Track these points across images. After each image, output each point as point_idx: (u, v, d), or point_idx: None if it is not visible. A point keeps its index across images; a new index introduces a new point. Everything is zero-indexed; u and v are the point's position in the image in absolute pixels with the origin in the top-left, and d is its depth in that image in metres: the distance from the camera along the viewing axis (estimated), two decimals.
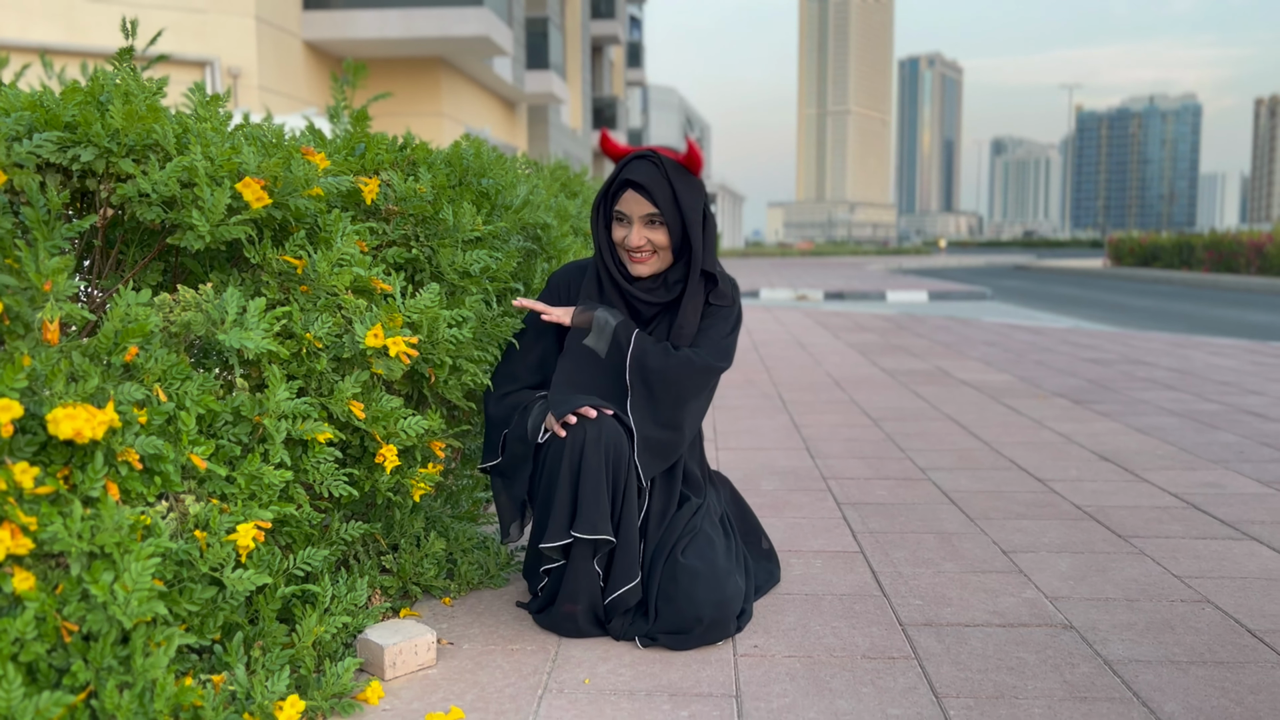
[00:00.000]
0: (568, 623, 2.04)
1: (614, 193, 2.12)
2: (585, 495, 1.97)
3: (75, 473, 1.50)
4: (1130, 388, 5.52)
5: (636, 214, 2.09)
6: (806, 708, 1.75)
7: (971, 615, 2.18)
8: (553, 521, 1.99)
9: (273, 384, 1.75)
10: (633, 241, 2.09)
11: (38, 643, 1.43)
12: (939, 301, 15.17)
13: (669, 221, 2.09)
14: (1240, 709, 1.74)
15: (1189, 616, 2.17)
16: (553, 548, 2.01)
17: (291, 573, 1.82)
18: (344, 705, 1.70)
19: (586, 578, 2.01)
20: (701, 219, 2.12)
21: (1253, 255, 20.20)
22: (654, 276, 2.16)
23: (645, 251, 2.11)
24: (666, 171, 2.08)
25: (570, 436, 2.00)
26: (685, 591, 2.00)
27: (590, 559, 2.01)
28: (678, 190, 2.08)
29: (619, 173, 2.12)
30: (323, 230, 1.93)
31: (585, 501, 1.97)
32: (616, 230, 2.14)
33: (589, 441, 1.99)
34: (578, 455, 1.99)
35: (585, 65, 29.55)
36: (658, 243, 2.10)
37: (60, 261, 1.53)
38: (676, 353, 2.12)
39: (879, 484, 3.35)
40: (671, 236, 2.10)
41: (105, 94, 1.76)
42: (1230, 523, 2.89)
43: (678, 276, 2.16)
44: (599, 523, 1.97)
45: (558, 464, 2.00)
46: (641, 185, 2.07)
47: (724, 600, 2.00)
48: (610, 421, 2.03)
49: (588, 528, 1.96)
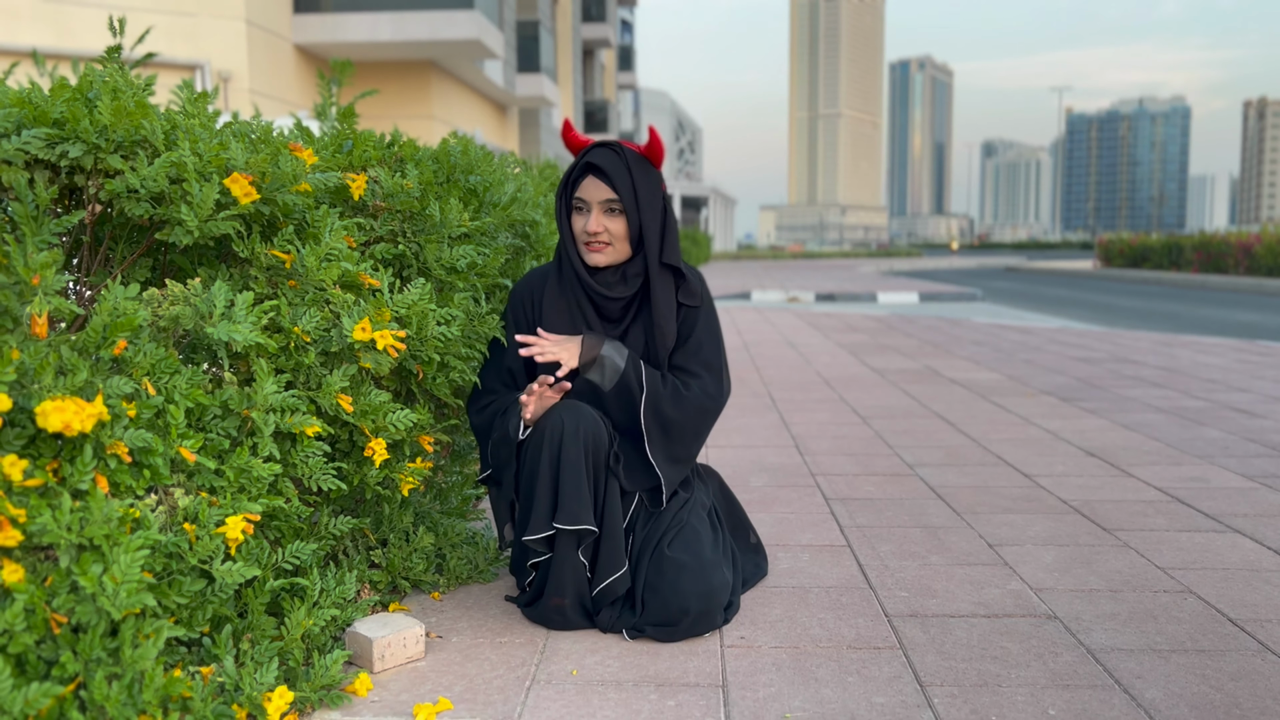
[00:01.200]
0: (556, 615, 2.06)
1: (575, 180, 2.13)
2: (566, 487, 1.99)
3: (64, 465, 1.51)
4: (1118, 385, 5.55)
5: (595, 199, 2.09)
6: (792, 696, 1.76)
7: (957, 606, 2.20)
8: (535, 514, 2.00)
9: (261, 377, 1.76)
10: (590, 227, 2.09)
11: (27, 634, 1.44)
12: (929, 303, 15.22)
13: (627, 210, 2.09)
14: (1220, 695, 1.76)
15: (1171, 606, 2.19)
16: (537, 540, 2.02)
17: (280, 566, 1.83)
18: (332, 697, 1.71)
19: (572, 569, 2.03)
20: (661, 210, 2.13)
21: (1241, 256, 20.31)
22: (613, 270, 2.16)
23: (601, 240, 2.10)
24: (627, 160, 2.10)
25: (549, 429, 2.01)
26: (671, 584, 2.01)
27: (575, 550, 2.02)
28: (637, 180, 2.09)
29: (580, 159, 2.12)
30: (311, 225, 1.94)
31: (566, 493, 1.98)
32: (576, 220, 2.14)
33: (567, 433, 2.00)
34: (556, 447, 2.00)
35: (576, 68, 29.58)
36: (615, 232, 2.10)
37: (49, 256, 1.54)
38: (688, 396, 2.14)
39: (867, 480, 3.37)
40: (630, 227, 2.11)
41: (94, 91, 1.77)
42: (1214, 516, 2.91)
43: (637, 270, 2.16)
44: (580, 513, 1.98)
45: (538, 457, 2.02)
46: (601, 170, 2.08)
47: (710, 592, 2.02)
48: (588, 412, 2.04)
49: (569, 519, 1.98)
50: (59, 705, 1.46)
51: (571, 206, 2.15)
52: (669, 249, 2.15)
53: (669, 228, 2.16)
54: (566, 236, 2.16)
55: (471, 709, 1.72)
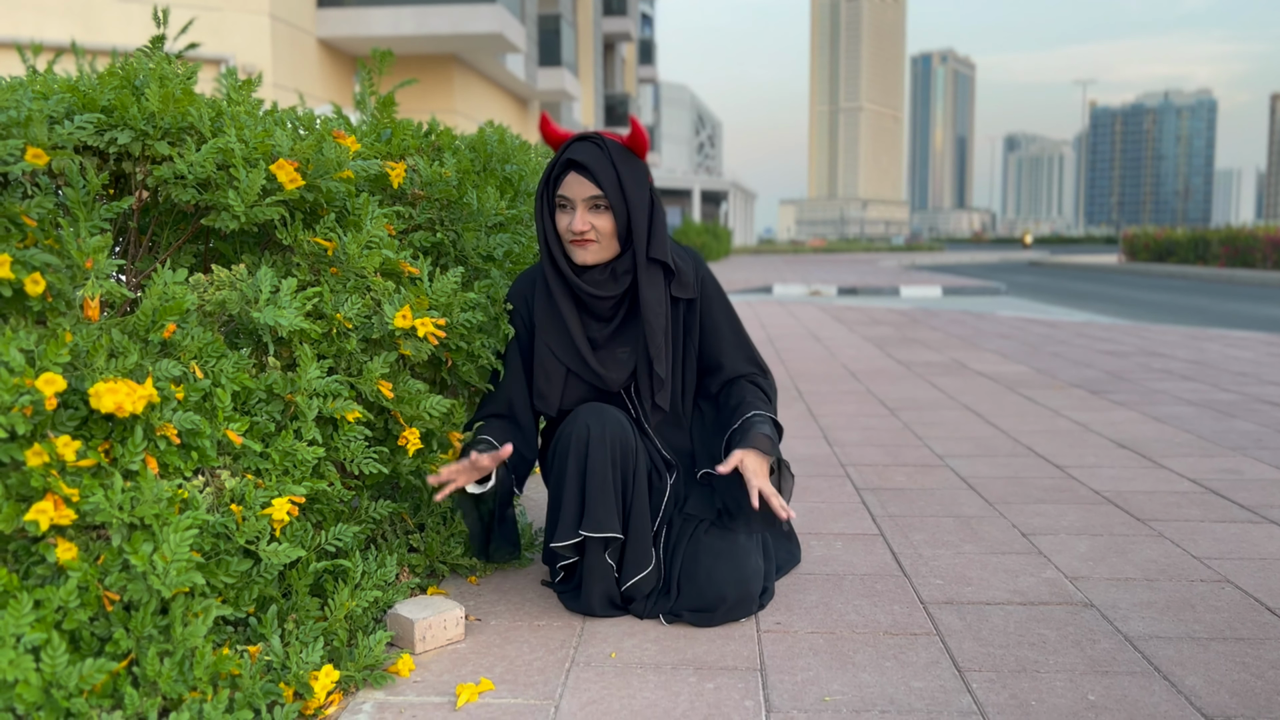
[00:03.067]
0: (586, 605, 2.08)
1: (556, 177, 2.04)
2: (592, 493, 1.99)
3: (115, 446, 1.54)
4: (1147, 378, 5.52)
5: (579, 197, 2.01)
6: (830, 680, 1.77)
7: (992, 594, 2.20)
8: (562, 521, 2.01)
9: (304, 362, 1.78)
10: (576, 225, 2.00)
11: (81, 611, 1.47)
12: (953, 296, 15.15)
13: (614, 205, 2.01)
14: (1261, 683, 1.76)
15: (1209, 595, 2.19)
16: (564, 546, 2.03)
17: (323, 548, 1.85)
18: (376, 677, 1.73)
19: (601, 570, 2.04)
20: (648, 203, 2.06)
21: (1269, 250, 20.10)
22: (601, 267, 2.08)
23: (589, 237, 2.03)
24: (610, 153, 2.01)
25: (574, 436, 2.01)
26: (706, 570, 2.02)
27: (602, 553, 2.03)
28: (621, 173, 2.01)
29: (560, 155, 2.04)
30: (352, 213, 1.96)
31: (592, 500, 1.98)
32: (560, 218, 2.05)
33: (593, 440, 1.99)
34: (583, 454, 2.00)
35: (597, 62, 29.59)
36: (602, 229, 2.03)
37: (101, 240, 1.56)
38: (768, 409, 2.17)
39: (897, 470, 3.37)
40: (617, 222, 2.03)
41: (141, 79, 1.79)
42: (1249, 507, 2.89)
43: (626, 267, 2.08)
44: (605, 520, 1.98)
45: (565, 463, 2.02)
46: (584, 166, 1.99)
47: (745, 579, 2.03)
48: (613, 414, 2.03)
49: (595, 526, 1.98)
50: (113, 680, 1.48)
51: (555, 205, 2.06)
52: (656, 243, 2.07)
53: (656, 221, 2.08)
54: (551, 235, 2.08)
55: (513, 689, 1.74)
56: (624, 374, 2.14)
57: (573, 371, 2.14)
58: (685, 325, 2.18)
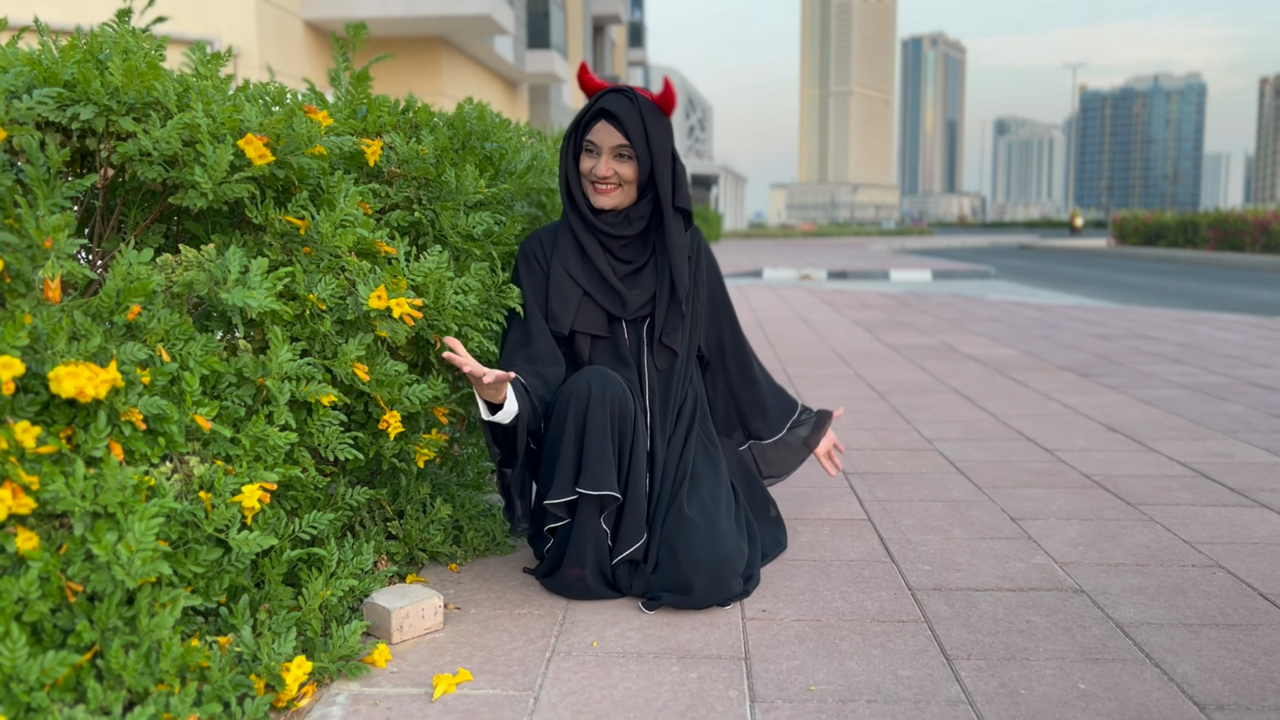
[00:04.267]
0: (576, 584, 2.03)
1: (586, 123, 2.13)
2: (590, 452, 1.96)
3: (78, 432, 1.49)
4: (1137, 362, 5.49)
5: (607, 145, 2.09)
6: (816, 669, 1.73)
7: (981, 580, 2.16)
8: (558, 479, 1.98)
9: (275, 345, 1.73)
10: (600, 171, 2.09)
11: (42, 602, 1.42)
12: (943, 280, 15.13)
13: (638, 154, 2.10)
14: (1254, 670, 1.73)
15: (1200, 581, 2.16)
16: (558, 505, 1.99)
17: (297, 536, 1.80)
18: (351, 667, 1.69)
19: (594, 536, 2.00)
20: (671, 157, 2.15)
21: (1258, 233, 20.12)
22: (617, 211, 2.16)
23: (610, 183, 2.11)
24: (640, 107, 2.10)
25: (575, 394, 1.99)
26: (686, 547, 1.99)
27: (597, 516, 2.00)
28: (649, 127, 2.10)
29: (594, 104, 2.12)
30: (325, 191, 1.90)
31: (590, 458, 1.96)
32: (585, 160, 2.13)
33: (594, 398, 1.98)
34: (583, 412, 1.98)
35: (587, 45, 29.41)
36: (624, 176, 2.11)
37: (61, 219, 1.51)
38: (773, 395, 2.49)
39: (886, 454, 3.33)
40: (640, 172, 2.11)
41: (104, 52, 1.73)
42: (1240, 490, 2.87)
43: (641, 213, 2.16)
44: (604, 478, 1.96)
45: (563, 421, 1.99)
46: (616, 116, 2.08)
47: (724, 558, 1.99)
48: (614, 378, 2.02)
49: (593, 483, 1.95)
50: (75, 674, 1.44)
51: (581, 147, 2.15)
52: (681, 194, 2.18)
53: (679, 174, 2.18)
54: (573, 175, 2.16)
55: (491, 680, 1.69)
56: (642, 298, 2.17)
57: (589, 294, 2.17)
58: (694, 280, 2.29)
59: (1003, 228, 79.18)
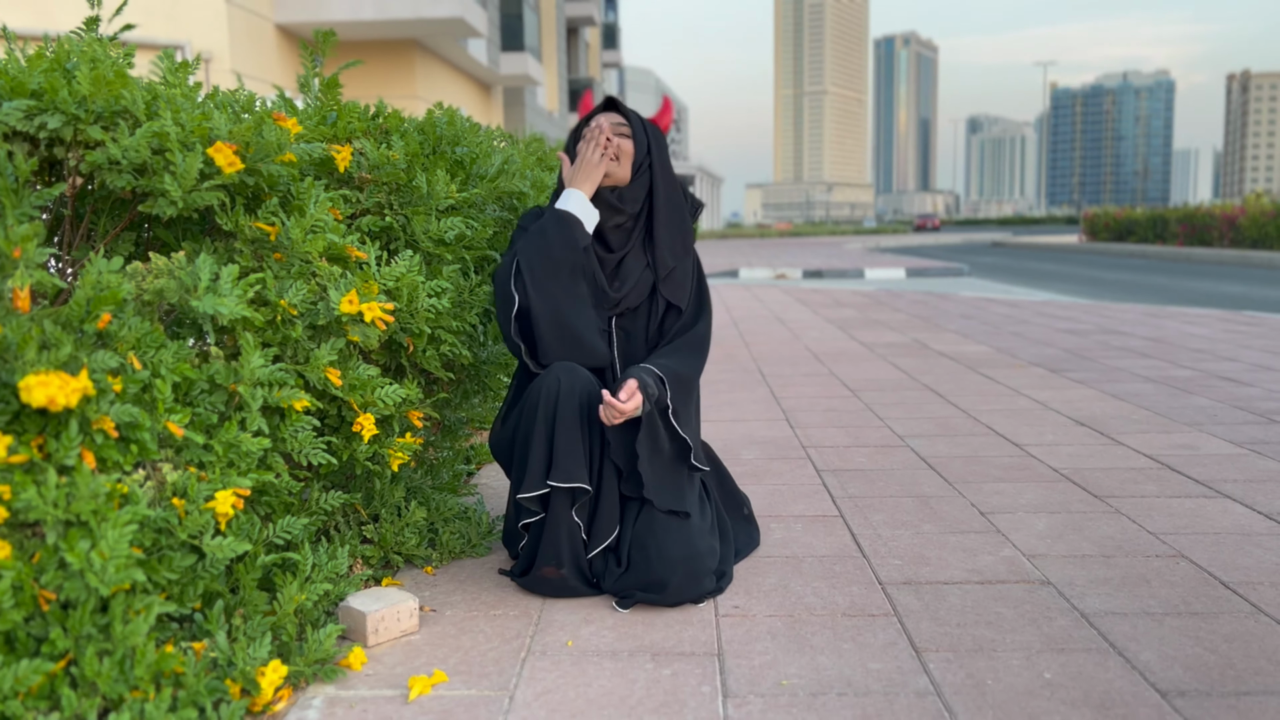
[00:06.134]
0: (554, 580, 2.05)
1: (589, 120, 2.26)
2: (560, 445, 1.99)
3: (49, 441, 1.49)
4: (1106, 356, 5.56)
5: (606, 124, 2.21)
6: (788, 664, 1.76)
7: (950, 573, 2.20)
8: (529, 473, 2.00)
9: (247, 351, 1.73)
10: (602, 125, 2.18)
11: (15, 611, 1.42)
12: (916, 278, 15.23)
13: (635, 136, 2.20)
14: (1215, 657, 1.77)
15: (1164, 571, 2.20)
16: (530, 499, 2.01)
17: (272, 541, 1.81)
18: (326, 671, 1.70)
19: (568, 530, 2.02)
20: (664, 150, 2.26)
21: (1225, 228, 20.38)
22: (610, 189, 2.21)
23: (609, 152, 2.17)
24: (637, 113, 2.28)
25: (544, 388, 2.01)
26: (658, 544, 2.01)
27: (569, 510, 2.02)
28: (646, 122, 2.26)
29: (594, 110, 2.28)
30: (296, 198, 1.91)
31: (560, 451, 1.98)
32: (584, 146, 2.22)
33: (563, 392, 2.00)
34: (552, 406, 2.00)
35: (561, 47, 29.39)
36: (623, 148, 2.19)
37: (30, 228, 1.51)
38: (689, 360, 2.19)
39: (858, 451, 3.37)
40: (637, 153, 2.20)
41: (72, 61, 1.74)
42: (1204, 482, 2.92)
43: (634, 195, 2.21)
44: (575, 471, 1.98)
45: (533, 416, 2.02)
46: (613, 105, 2.25)
47: (696, 555, 2.01)
48: (583, 373, 2.05)
49: (564, 476, 1.97)
50: (50, 682, 1.44)
51: (580, 137, 2.24)
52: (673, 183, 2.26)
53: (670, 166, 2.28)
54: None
55: (467, 681, 1.71)
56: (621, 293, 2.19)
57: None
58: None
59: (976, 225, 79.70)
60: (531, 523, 2.07)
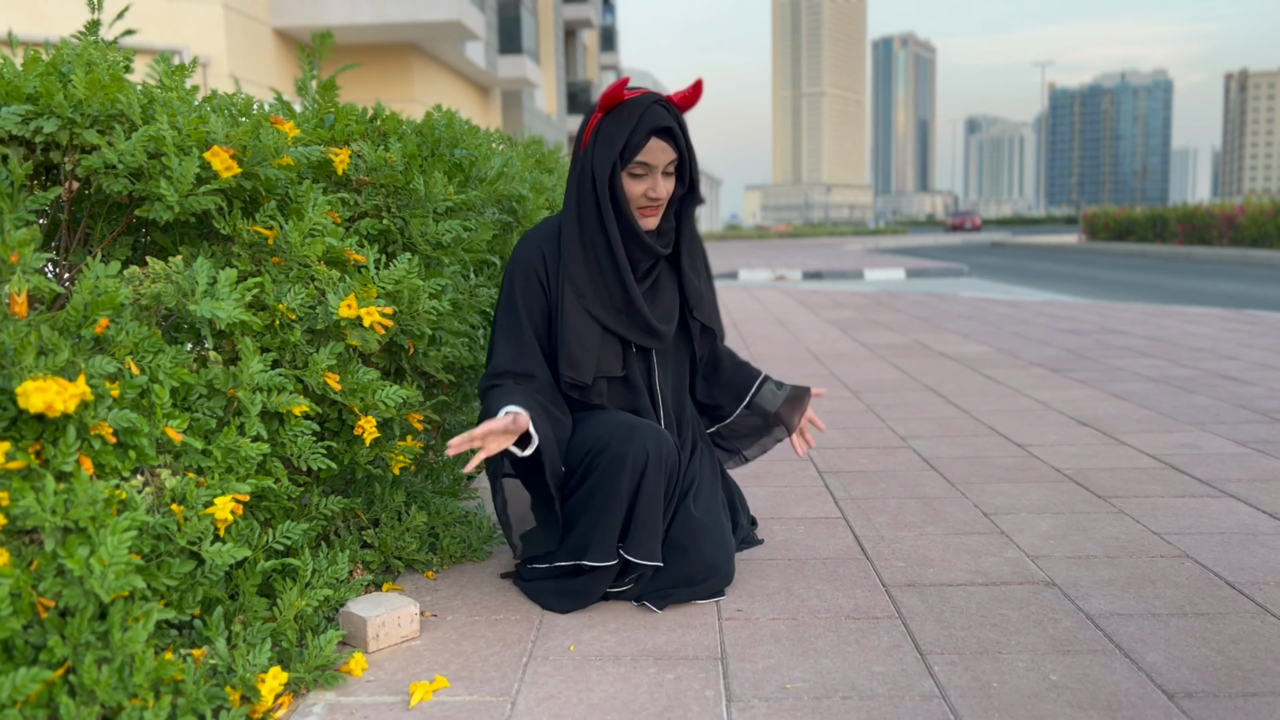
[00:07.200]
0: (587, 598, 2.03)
1: (638, 143, 1.97)
2: (641, 517, 1.95)
3: (47, 447, 1.48)
4: (1107, 356, 5.55)
5: (660, 164, 1.99)
6: (792, 667, 1.75)
7: (954, 575, 2.18)
8: (598, 537, 1.96)
9: (246, 356, 1.72)
10: (660, 192, 2.00)
11: (13, 619, 1.41)
12: (916, 279, 15.22)
13: (681, 173, 2.04)
14: (1221, 658, 1.76)
15: (1169, 571, 2.19)
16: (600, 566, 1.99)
17: (271, 547, 1.80)
18: (327, 677, 1.69)
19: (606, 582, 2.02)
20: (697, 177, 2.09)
21: (1225, 227, 20.38)
22: (653, 232, 2.08)
23: (659, 205, 2.03)
24: (678, 119, 2.01)
25: (632, 455, 1.93)
26: (697, 545, 2.03)
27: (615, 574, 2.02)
28: (689, 138, 2.03)
29: (641, 122, 1.96)
30: (294, 201, 1.90)
31: (641, 524, 1.96)
32: (636, 185, 2.00)
33: (651, 462, 1.94)
34: (638, 475, 1.94)
35: (559, 50, 29.39)
36: (669, 194, 2.04)
37: (27, 233, 1.50)
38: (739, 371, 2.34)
39: (860, 453, 3.36)
40: (680, 185, 2.06)
41: (67, 65, 1.73)
42: (1208, 481, 2.91)
43: (668, 225, 2.10)
44: (655, 548, 1.97)
45: (615, 481, 1.93)
46: (670, 131, 1.98)
47: (729, 556, 2.07)
48: (666, 437, 1.99)
49: (644, 553, 1.96)
50: (48, 690, 1.43)
51: (629, 171, 2.00)
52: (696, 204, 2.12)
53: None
54: (621, 199, 2.01)
55: (469, 686, 1.70)
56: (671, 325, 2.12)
57: (609, 330, 2.05)
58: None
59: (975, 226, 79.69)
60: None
